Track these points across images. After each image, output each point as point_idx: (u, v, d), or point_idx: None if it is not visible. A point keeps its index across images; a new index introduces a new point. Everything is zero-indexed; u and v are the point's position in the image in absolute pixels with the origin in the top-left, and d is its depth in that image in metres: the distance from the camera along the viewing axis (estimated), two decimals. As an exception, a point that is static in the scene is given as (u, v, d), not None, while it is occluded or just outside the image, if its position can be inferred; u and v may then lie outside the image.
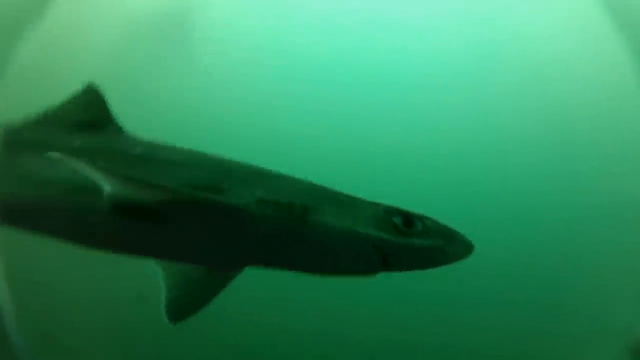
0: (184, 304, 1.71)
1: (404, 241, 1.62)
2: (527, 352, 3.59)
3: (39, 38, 2.39)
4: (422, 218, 1.68)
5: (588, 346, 3.08)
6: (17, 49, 2.25)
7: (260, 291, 3.70)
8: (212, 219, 1.52)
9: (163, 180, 1.47)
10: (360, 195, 1.78)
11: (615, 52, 2.75)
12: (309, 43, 3.49)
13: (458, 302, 4.03)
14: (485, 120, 4.30)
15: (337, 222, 1.58)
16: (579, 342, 3.26)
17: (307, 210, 1.56)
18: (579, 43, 3.43)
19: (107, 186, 1.40)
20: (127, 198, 1.42)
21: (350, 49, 3.51)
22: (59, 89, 3.49)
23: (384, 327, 3.66)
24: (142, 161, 1.62)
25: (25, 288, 2.51)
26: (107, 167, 1.45)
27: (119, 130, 1.81)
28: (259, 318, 3.59)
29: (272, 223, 1.54)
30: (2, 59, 2.21)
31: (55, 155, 1.41)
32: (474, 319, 3.94)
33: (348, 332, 3.39)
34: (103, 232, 1.61)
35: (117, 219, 1.49)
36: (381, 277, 1.95)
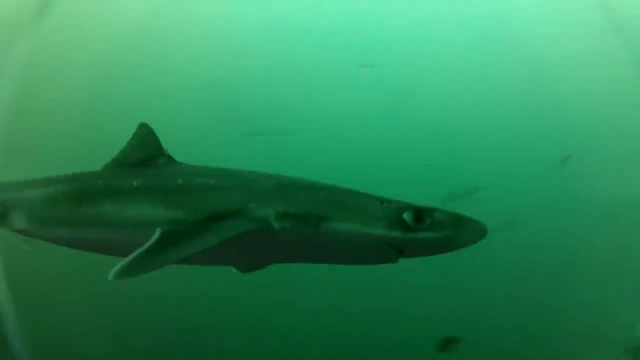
0: None
1: (414, 236, 1.71)
2: (529, 352, 3.59)
3: (39, 38, 2.39)
4: (431, 211, 1.74)
5: (588, 346, 3.09)
6: (17, 49, 2.25)
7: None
8: (244, 238, 1.74)
9: (199, 215, 1.77)
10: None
11: (615, 51, 2.76)
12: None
13: (458, 304, 4.03)
14: (485, 121, 4.30)
15: (348, 228, 1.72)
16: (579, 341, 3.26)
17: (320, 219, 1.73)
18: (578, 43, 3.43)
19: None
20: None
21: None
22: (58, 89, 3.50)
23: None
24: (182, 192, 1.86)
25: (25, 288, 2.52)
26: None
27: (169, 159, 2.07)
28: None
29: (291, 233, 1.72)
30: (2, 59, 2.21)
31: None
32: (474, 321, 3.94)
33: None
34: None
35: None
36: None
